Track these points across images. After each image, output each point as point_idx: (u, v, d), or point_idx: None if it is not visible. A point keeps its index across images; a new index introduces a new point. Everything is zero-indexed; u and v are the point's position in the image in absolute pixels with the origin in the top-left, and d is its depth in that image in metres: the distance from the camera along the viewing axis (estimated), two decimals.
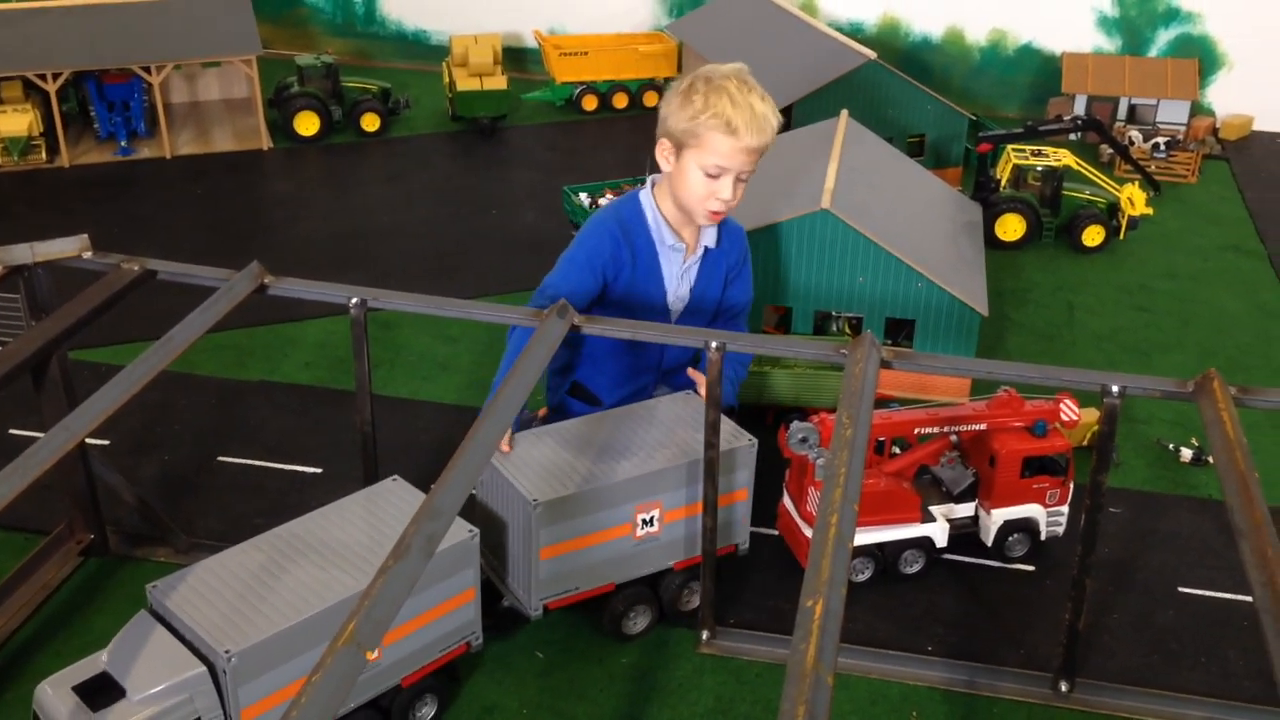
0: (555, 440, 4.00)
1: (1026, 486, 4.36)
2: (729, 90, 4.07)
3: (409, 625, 3.52)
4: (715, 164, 4.12)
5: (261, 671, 3.20)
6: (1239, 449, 3.06)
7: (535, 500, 3.70)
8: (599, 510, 3.85)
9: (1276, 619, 2.50)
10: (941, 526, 4.35)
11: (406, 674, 3.59)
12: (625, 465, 3.90)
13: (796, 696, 2.27)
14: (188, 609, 3.26)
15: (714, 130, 4.06)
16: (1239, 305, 6.54)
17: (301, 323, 5.98)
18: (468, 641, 3.74)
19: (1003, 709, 3.83)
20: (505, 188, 7.81)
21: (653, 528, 3.97)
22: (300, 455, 4.97)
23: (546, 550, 3.80)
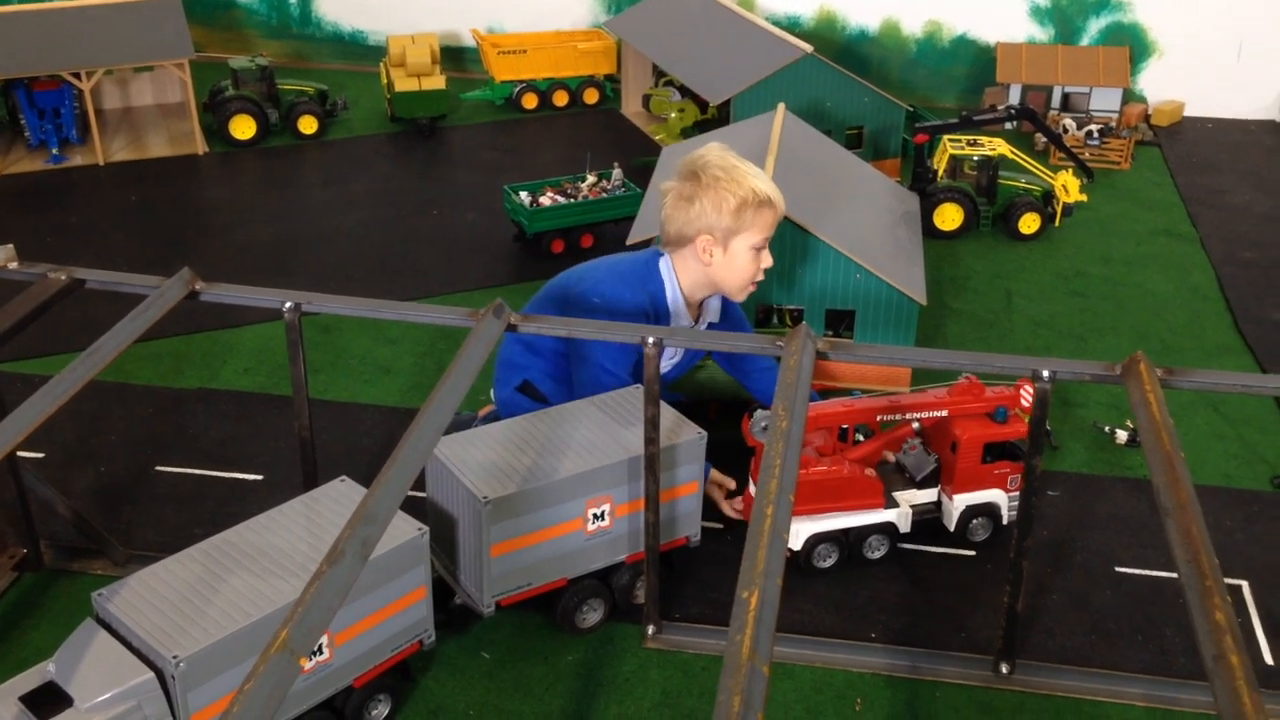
0: (505, 437, 4.01)
1: (988, 472, 4.42)
2: (740, 167, 4.47)
3: (360, 625, 3.51)
4: (763, 237, 4.48)
5: (210, 676, 3.18)
6: (1165, 430, 3.12)
7: (486, 497, 3.71)
8: (550, 506, 3.86)
9: (1201, 596, 2.55)
10: (904, 512, 4.41)
11: (359, 674, 3.58)
12: (575, 460, 3.91)
13: (732, 687, 2.29)
14: (134, 616, 3.23)
15: (761, 209, 4.43)
16: (1171, 288, 6.65)
17: (240, 328, 5.92)
18: (420, 640, 3.74)
19: (945, 693, 3.88)
20: (446, 188, 7.78)
21: (604, 522, 3.99)
22: (240, 462, 4.92)
23: (498, 547, 3.81)
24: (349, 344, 5.86)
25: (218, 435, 5.12)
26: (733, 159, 4.51)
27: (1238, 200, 7.80)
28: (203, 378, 5.56)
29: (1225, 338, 6.13)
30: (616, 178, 6.97)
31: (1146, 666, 3.98)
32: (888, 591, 4.30)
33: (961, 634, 4.11)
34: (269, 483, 4.79)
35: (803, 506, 4.26)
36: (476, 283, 6.53)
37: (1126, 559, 4.46)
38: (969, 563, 4.44)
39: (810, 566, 4.34)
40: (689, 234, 4.47)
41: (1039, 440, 3.64)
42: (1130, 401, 3.34)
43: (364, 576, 3.37)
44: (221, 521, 4.47)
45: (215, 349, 5.79)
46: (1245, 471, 4.98)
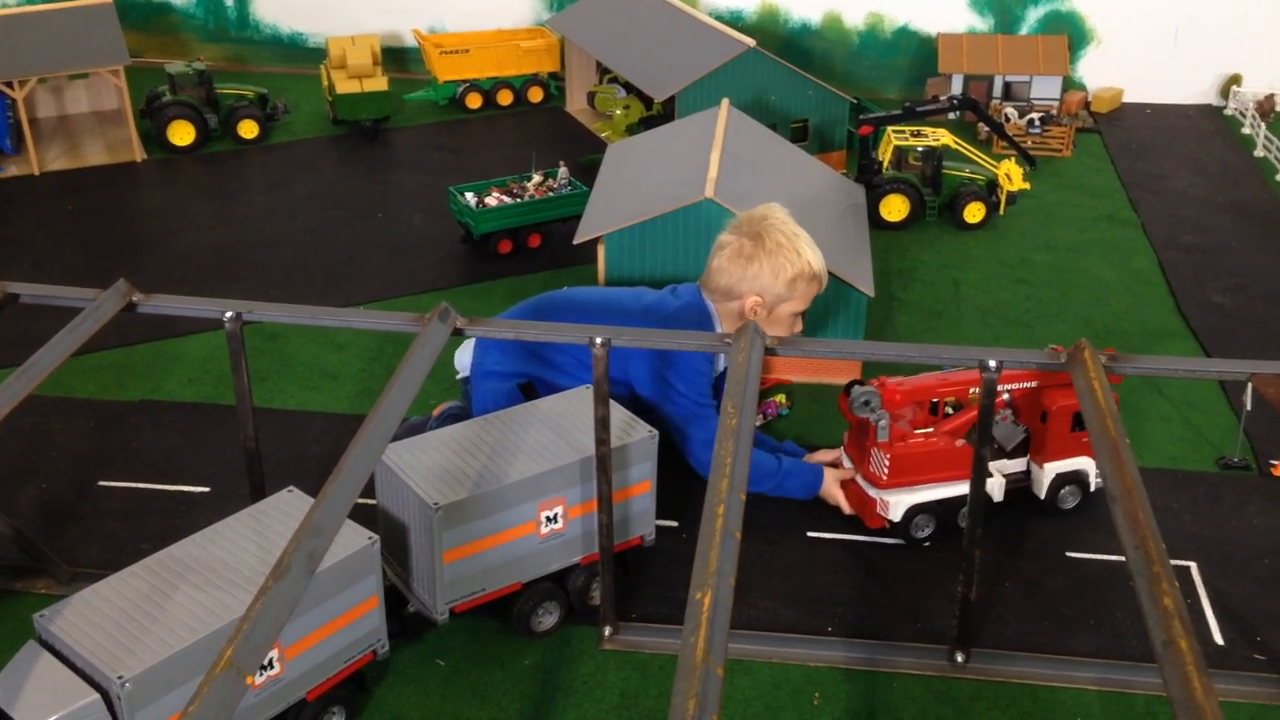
0: (454, 442, 3.98)
1: (1076, 440, 4.53)
2: (801, 238, 4.70)
3: (311, 638, 3.47)
4: (806, 306, 4.77)
5: (157, 696, 3.13)
6: (1110, 416, 3.15)
7: (436, 504, 3.67)
8: (502, 510, 3.83)
9: (1150, 582, 2.58)
10: (998, 482, 4.51)
11: (312, 687, 3.54)
12: (526, 464, 3.89)
13: (687, 690, 2.28)
14: (78, 636, 3.18)
15: (812, 283, 4.71)
16: (1114, 273, 6.72)
17: (183, 338, 5.83)
18: (374, 650, 3.70)
19: (902, 683, 3.89)
20: (391, 190, 7.70)
21: (557, 524, 3.96)
22: (186, 475, 4.84)
23: (450, 553, 3.77)
24: (295, 351, 5.78)
25: (162, 448, 5.03)
26: (794, 226, 4.74)
27: (1177, 185, 7.90)
28: (146, 389, 5.47)
29: (1168, 321, 6.21)
30: (562, 176, 6.93)
31: (1099, 650, 4.02)
32: (844, 584, 4.31)
33: (917, 624, 4.13)
34: (216, 495, 4.71)
35: (902, 479, 4.34)
36: (424, 285, 6.47)
37: (1078, 544, 4.50)
38: (923, 553, 4.46)
39: (910, 537, 4.45)
40: (740, 290, 4.68)
41: (988, 431, 3.66)
42: (1076, 389, 3.36)
43: (314, 588, 3.34)
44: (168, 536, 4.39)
45: (158, 360, 5.69)
46: (1191, 453, 5.04)
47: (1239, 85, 9.25)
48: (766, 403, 5.31)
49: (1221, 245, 7.04)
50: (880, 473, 4.39)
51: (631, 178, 6.02)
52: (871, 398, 4.28)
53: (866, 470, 4.46)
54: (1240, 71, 9.27)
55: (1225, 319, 6.21)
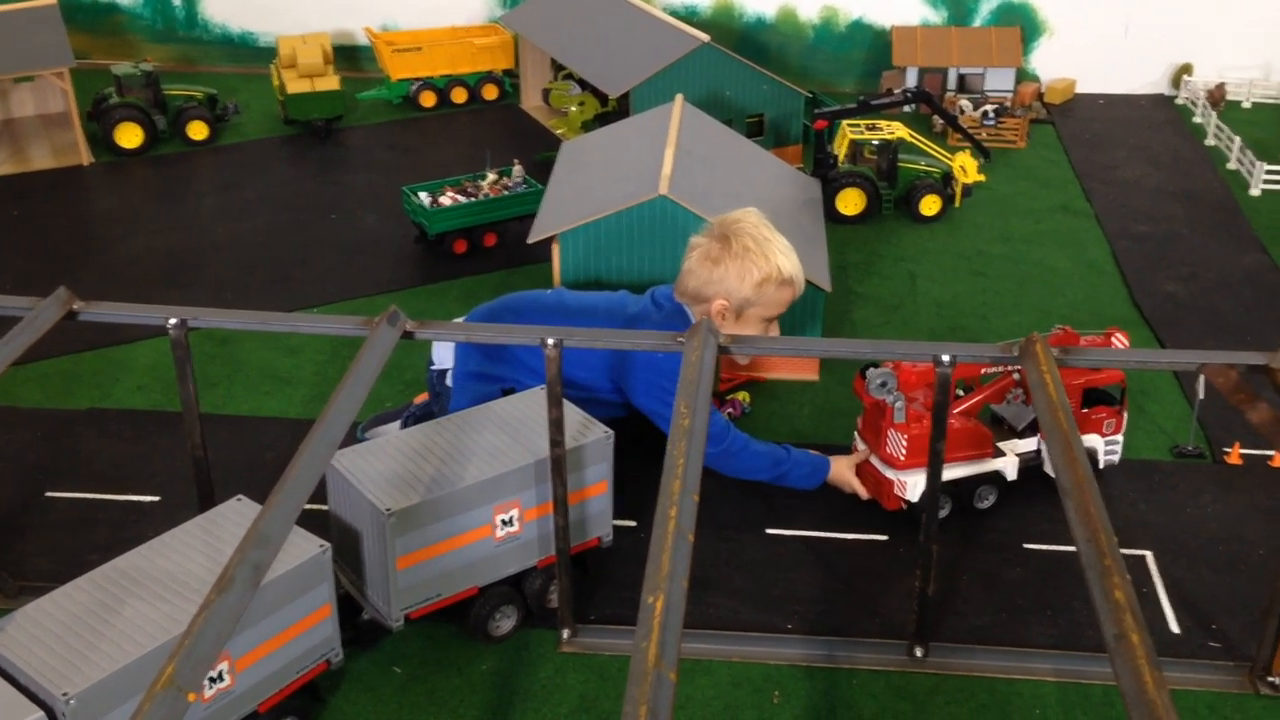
0: (406, 446, 3.92)
1: (1086, 418, 4.58)
2: (772, 243, 4.63)
3: (262, 649, 3.41)
4: (777, 312, 4.71)
5: (103, 712, 3.07)
6: (1061, 410, 3.14)
7: (388, 510, 3.62)
8: (455, 514, 3.78)
9: (1101, 575, 2.57)
10: (1011, 461, 4.54)
11: (264, 699, 3.47)
12: (479, 467, 3.84)
13: (638, 697, 2.25)
14: (21, 653, 3.11)
15: (781, 287, 4.63)
16: (1069, 264, 6.75)
17: (132, 345, 5.73)
18: (327, 659, 3.65)
19: (862, 679, 3.88)
20: (344, 191, 7.62)
21: (513, 527, 3.92)
22: (136, 484, 4.76)
23: (404, 559, 3.72)
24: (247, 355, 5.70)
25: (111, 457, 4.95)
26: (766, 231, 4.67)
27: (1130, 175, 7.95)
28: (94, 397, 5.37)
29: (1122, 311, 6.24)
30: (517, 174, 6.88)
31: (1056, 642, 4.02)
32: (803, 581, 4.30)
33: (876, 619, 4.12)
34: (166, 504, 4.64)
35: (919, 459, 4.32)
36: (378, 287, 6.41)
37: (1034, 535, 4.51)
38: (881, 548, 4.46)
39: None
40: (707, 294, 4.65)
41: (943, 424, 3.65)
42: (1028, 383, 3.36)
43: (265, 598, 3.30)
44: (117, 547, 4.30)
45: (106, 367, 5.59)
46: (1145, 442, 5.07)
47: (1190, 75, 9.33)
48: (730, 400, 5.29)
49: (1174, 234, 7.09)
50: (898, 454, 4.39)
51: (586, 175, 5.98)
52: (888, 379, 4.30)
53: (883, 452, 4.48)
54: (1191, 61, 9.35)
55: (1178, 307, 6.26)
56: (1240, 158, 8.01)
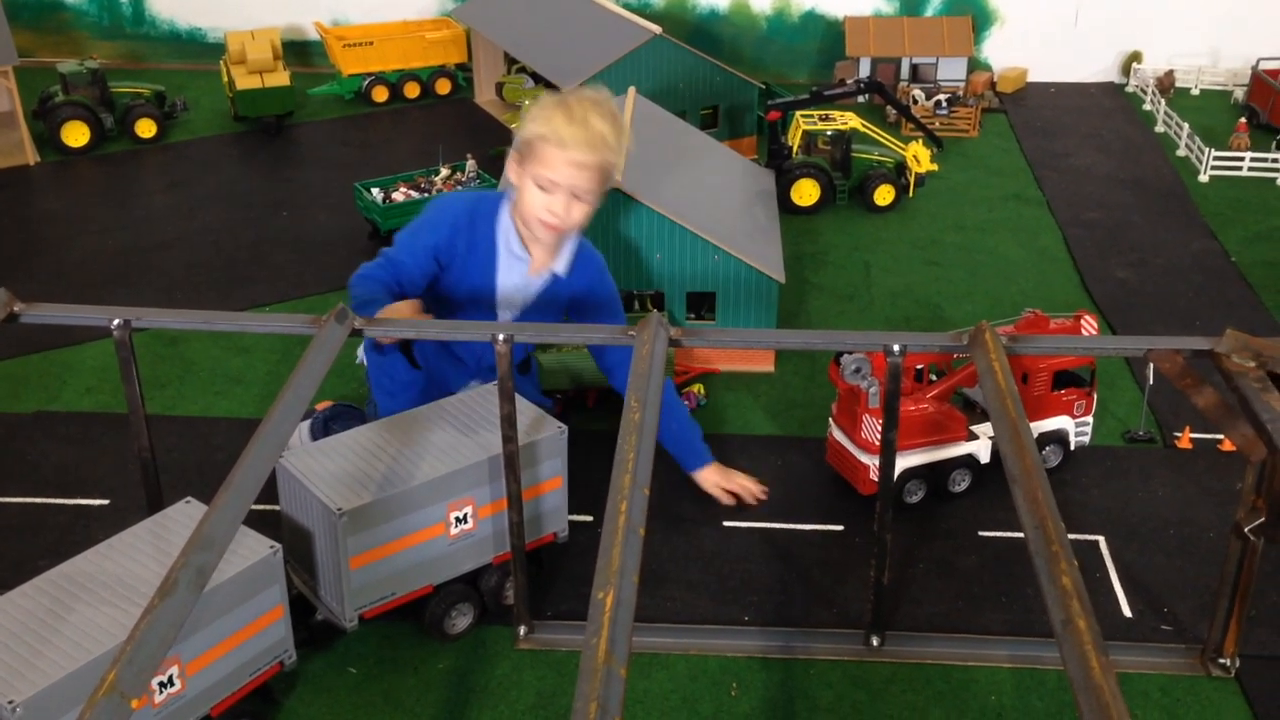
0: (357, 445, 3.89)
1: (1056, 399, 4.66)
2: (569, 105, 4.14)
3: (214, 651, 3.37)
4: (546, 177, 4.15)
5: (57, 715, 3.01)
6: (1010, 398, 3.16)
7: (340, 509, 3.59)
8: (408, 512, 3.75)
9: (1049, 561, 2.58)
10: (984, 444, 4.59)
11: (216, 702, 3.44)
12: (431, 464, 3.81)
13: (589, 692, 2.23)
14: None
15: (546, 144, 4.12)
16: (1022, 252, 6.80)
17: (80, 346, 5.65)
18: (280, 661, 3.62)
19: (819, 669, 3.89)
20: (296, 188, 7.54)
21: (467, 524, 3.90)
22: (84, 488, 4.69)
23: (356, 559, 3.69)
24: (197, 355, 5.63)
25: (59, 460, 4.87)
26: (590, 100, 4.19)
27: (1081, 163, 8.02)
28: (41, 400, 5.29)
29: (1074, 297, 6.29)
30: (470, 169, 6.84)
31: (1011, 628, 4.05)
32: (759, 572, 4.30)
33: (833, 609, 4.13)
34: (115, 508, 4.57)
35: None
36: (331, 284, 6.34)
37: (988, 523, 4.54)
38: (837, 538, 4.47)
39: (900, 502, 4.50)
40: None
41: (894, 413, 3.66)
42: (977, 370, 3.37)
43: (215, 600, 3.27)
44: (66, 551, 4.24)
45: (53, 369, 5.51)
46: (1096, 427, 5.10)
47: (1139, 62, 9.42)
48: (686, 393, 5.29)
49: (1124, 221, 7.16)
50: (873, 439, 4.42)
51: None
52: (862, 365, 4.31)
53: (858, 437, 4.50)
54: (1140, 49, 9.45)
55: (1128, 293, 6.32)
56: (1189, 144, 8.10)
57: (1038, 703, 3.76)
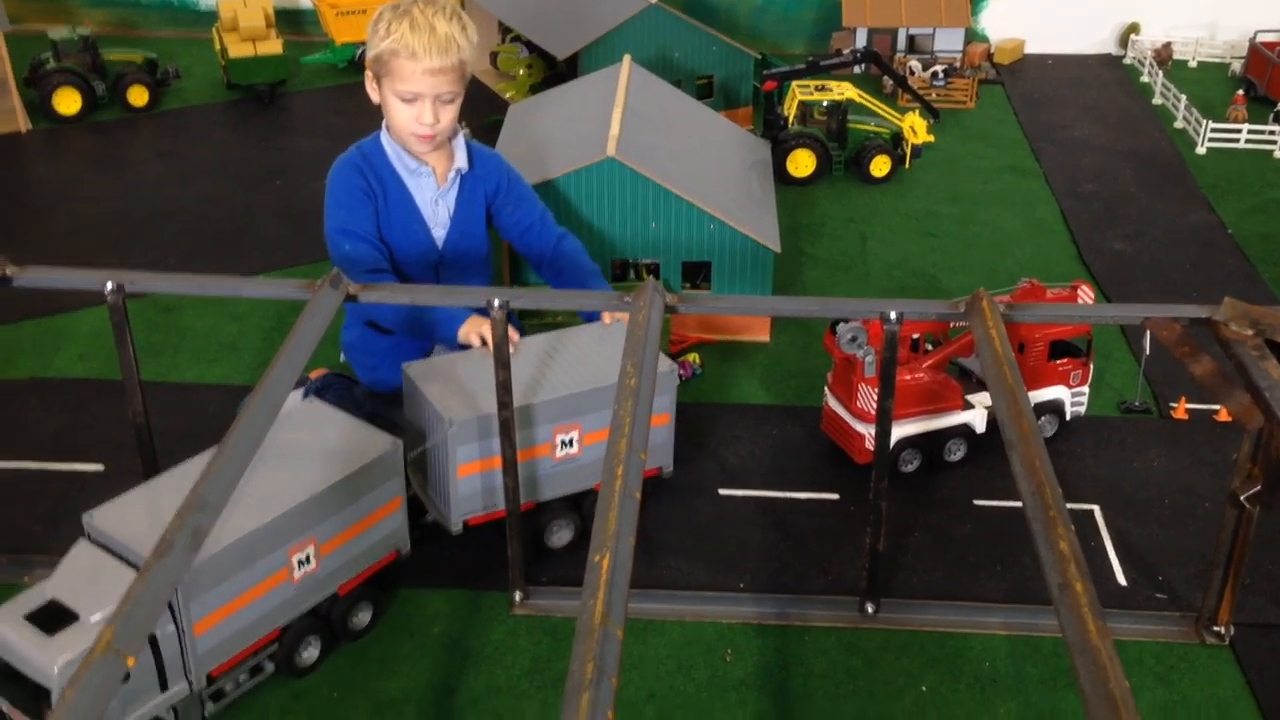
0: (478, 362, 4.00)
1: (1053, 369, 4.64)
2: (412, 15, 4.13)
3: (343, 536, 3.65)
4: (407, 89, 4.20)
5: (212, 586, 3.26)
6: (1007, 364, 3.15)
7: (451, 420, 3.77)
8: (518, 429, 3.85)
9: (1046, 526, 2.58)
10: (980, 413, 4.58)
11: (342, 582, 3.72)
12: (545, 387, 3.96)
13: (585, 653, 2.23)
14: (128, 532, 3.30)
15: (398, 58, 4.13)
16: (1018, 223, 6.78)
17: (74, 313, 5.62)
18: (397, 549, 3.88)
19: (814, 636, 3.90)
20: (289, 157, 7.50)
21: (572, 449, 4.02)
22: (79, 453, 4.68)
23: (464, 468, 3.86)
24: (192, 323, 5.61)
25: (53, 426, 4.85)
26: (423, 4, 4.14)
27: (1078, 134, 7.99)
28: (34, 366, 5.27)
29: (1071, 269, 6.28)
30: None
31: (1007, 596, 4.06)
32: (754, 540, 4.30)
33: (828, 577, 4.14)
34: (111, 473, 4.56)
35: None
36: (323, 254, 6.21)
37: (984, 492, 4.54)
38: (832, 506, 4.47)
39: (895, 471, 4.49)
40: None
41: (891, 381, 3.65)
42: (975, 338, 3.36)
43: (345, 489, 3.57)
44: (62, 517, 4.27)
45: (47, 336, 5.48)
46: (1094, 398, 5.09)
47: (1137, 34, 9.38)
48: (681, 362, 5.27)
49: (1121, 192, 7.14)
50: (868, 408, 4.40)
51: (534, 138, 5.91)
52: (858, 334, 4.31)
53: (854, 406, 4.49)
54: (1138, 20, 9.40)
55: (1125, 264, 6.31)
56: (1187, 116, 8.07)
57: (1032, 670, 3.77)
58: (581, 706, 2.10)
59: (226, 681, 3.51)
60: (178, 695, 3.34)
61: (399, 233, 4.46)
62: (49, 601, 3.19)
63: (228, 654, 3.42)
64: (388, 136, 4.46)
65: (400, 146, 4.43)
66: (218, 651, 3.39)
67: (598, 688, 2.13)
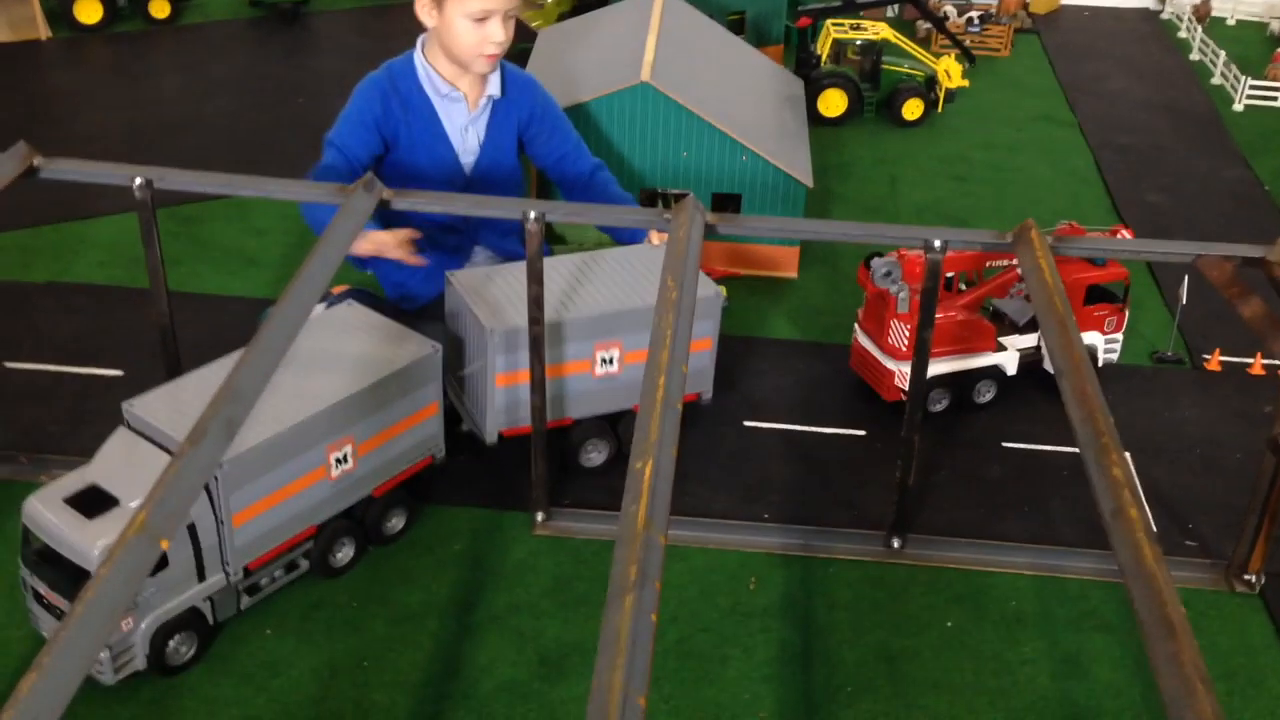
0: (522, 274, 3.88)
1: (1088, 314, 4.57)
2: None
3: (380, 436, 3.63)
4: (479, 8, 4.12)
5: (250, 479, 3.27)
6: (1057, 294, 3.08)
7: (492, 329, 3.72)
8: (559, 344, 3.85)
9: (1098, 454, 2.52)
10: (1011, 355, 4.52)
11: (378, 484, 3.70)
12: (588, 303, 3.92)
13: (628, 557, 2.18)
14: (167, 421, 3.29)
15: None
16: (1051, 172, 6.68)
17: (93, 220, 5.55)
18: (432, 455, 3.86)
19: (838, 568, 3.86)
20: (311, 76, 7.38)
21: (612, 367, 3.98)
22: (98, 358, 4.62)
23: (503, 378, 3.82)
24: (212, 235, 5.53)
25: (71, 330, 4.79)
26: None
27: (1114, 87, 7.86)
28: (53, 271, 5.20)
29: (1106, 219, 6.18)
30: None
31: (1033, 537, 4.01)
32: (778, 472, 4.25)
33: (852, 511, 4.08)
34: (130, 378, 4.50)
35: None
36: None
37: (1012, 435, 4.48)
38: (858, 442, 4.42)
39: (923, 410, 4.33)
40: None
41: (930, 312, 3.58)
42: (1021, 268, 3.29)
43: (384, 390, 3.55)
44: (80, 418, 4.22)
45: (65, 241, 5.41)
46: (1126, 347, 5.02)
47: None
48: None
49: (1157, 145, 7.03)
50: (900, 345, 4.34)
51: (564, 64, 5.80)
52: (893, 269, 4.23)
53: (885, 343, 4.41)
54: None
55: (1160, 216, 6.21)
56: (1225, 73, 7.93)
57: (1059, 610, 3.73)
58: (625, 608, 2.05)
59: (262, 576, 3.50)
60: (215, 586, 3.33)
61: (424, 157, 4.37)
62: (89, 486, 3.17)
63: (265, 548, 3.41)
64: (422, 59, 4.37)
65: (434, 71, 4.32)
66: (255, 545, 3.38)
67: (641, 590, 2.08)
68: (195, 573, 3.24)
